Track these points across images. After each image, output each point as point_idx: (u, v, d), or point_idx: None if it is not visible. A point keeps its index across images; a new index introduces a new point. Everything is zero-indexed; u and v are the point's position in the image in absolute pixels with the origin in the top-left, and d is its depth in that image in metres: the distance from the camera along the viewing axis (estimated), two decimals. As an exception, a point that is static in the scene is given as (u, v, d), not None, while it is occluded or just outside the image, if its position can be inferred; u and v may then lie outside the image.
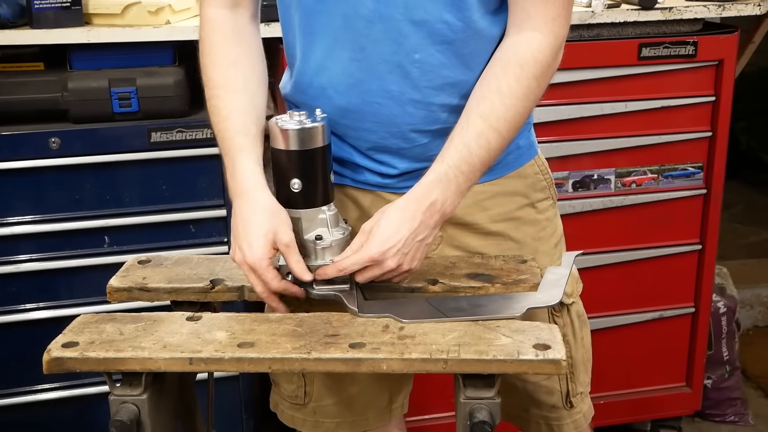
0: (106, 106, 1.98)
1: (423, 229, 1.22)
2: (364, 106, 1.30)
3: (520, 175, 1.41)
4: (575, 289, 1.47)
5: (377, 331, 1.16)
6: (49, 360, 1.11)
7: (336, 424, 1.50)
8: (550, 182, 1.46)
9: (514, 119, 1.24)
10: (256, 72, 1.37)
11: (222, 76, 1.33)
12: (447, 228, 1.38)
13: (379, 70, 1.27)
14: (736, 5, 2.19)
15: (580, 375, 1.49)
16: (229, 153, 1.28)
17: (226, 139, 1.29)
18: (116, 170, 2.01)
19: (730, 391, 2.64)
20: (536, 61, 1.23)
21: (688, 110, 2.24)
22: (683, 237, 2.34)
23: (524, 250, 1.40)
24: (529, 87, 1.23)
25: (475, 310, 1.20)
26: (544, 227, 1.45)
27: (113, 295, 1.31)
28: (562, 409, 1.47)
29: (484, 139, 1.22)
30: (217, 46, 1.35)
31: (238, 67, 1.34)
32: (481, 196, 1.38)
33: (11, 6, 1.99)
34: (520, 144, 1.40)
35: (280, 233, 1.20)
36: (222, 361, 1.11)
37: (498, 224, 1.40)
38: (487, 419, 1.08)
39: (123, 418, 1.11)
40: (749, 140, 4.31)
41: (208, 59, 1.35)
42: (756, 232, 3.87)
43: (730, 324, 2.62)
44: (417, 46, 1.25)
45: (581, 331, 1.48)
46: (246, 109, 1.31)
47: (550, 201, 1.46)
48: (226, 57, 1.34)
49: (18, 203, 1.99)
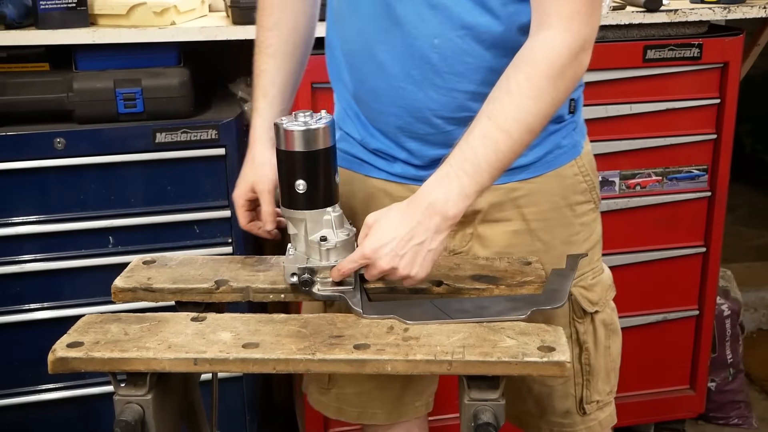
0: (111, 106, 1.98)
1: (421, 231, 1.18)
2: (389, 90, 1.31)
3: (558, 175, 1.38)
4: (603, 298, 1.44)
5: (382, 332, 1.16)
6: (54, 360, 1.11)
7: (358, 414, 1.51)
8: (592, 185, 1.42)
9: (525, 121, 1.18)
10: (296, 35, 1.44)
11: (261, 37, 1.44)
12: (477, 225, 1.38)
13: (402, 54, 1.27)
14: (742, 7, 2.19)
15: (599, 383, 1.46)
16: (252, 108, 1.44)
17: (252, 94, 1.45)
18: (121, 171, 2.01)
19: (733, 394, 2.64)
20: (549, 60, 1.17)
21: (692, 112, 2.24)
22: (687, 239, 2.34)
23: (551, 252, 1.38)
24: (540, 88, 1.17)
25: (480, 311, 1.20)
26: (578, 231, 1.42)
27: (118, 296, 1.32)
28: (575, 415, 1.45)
29: (491, 140, 1.18)
30: (264, 9, 1.45)
31: (275, 30, 1.43)
32: (514, 194, 1.37)
33: (17, 6, 1.99)
34: (562, 144, 1.38)
35: (259, 183, 1.38)
36: (226, 362, 1.11)
37: (529, 223, 1.38)
38: (491, 421, 1.08)
39: (127, 418, 1.11)
40: (754, 143, 4.31)
41: (257, 20, 1.46)
42: (760, 234, 3.87)
43: (734, 327, 2.61)
44: (436, 31, 1.25)
45: (606, 340, 1.45)
46: (269, 71, 1.43)
47: (590, 205, 1.43)
48: (267, 20, 1.44)
49: (23, 203, 1.99)
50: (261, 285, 1.29)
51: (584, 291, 1.42)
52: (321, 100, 2.02)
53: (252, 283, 1.30)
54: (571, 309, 1.41)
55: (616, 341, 1.48)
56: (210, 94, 2.23)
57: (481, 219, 1.38)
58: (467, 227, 1.40)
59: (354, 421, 1.54)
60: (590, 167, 1.43)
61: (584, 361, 1.43)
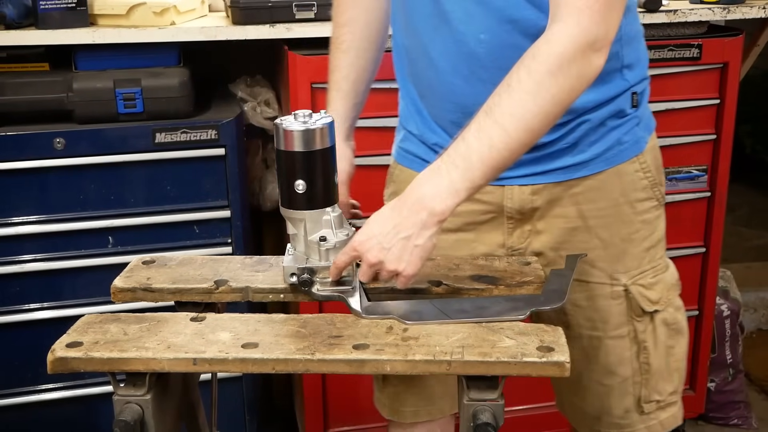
0: (111, 106, 1.98)
1: (408, 225, 1.15)
2: (441, 86, 1.32)
3: (618, 172, 1.36)
4: (664, 297, 1.41)
5: (381, 333, 1.16)
6: (54, 360, 1.11)
7: (412, 413, 1.51)
8: (654, 182, 1.39)
9: (523, 117, 1.13)
10: (369, 31, 1.47)
11: (335, 34, 1.49)
12: (536, 222, 1.38)
13: (451, 50, 1.28)
14: (741, 8, 2.19)
15: (658, 383, 1.43)
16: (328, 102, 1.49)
17: (328, 92, 1.49)
18: (121, 171, 2.01)
19: (733, 394, 2.64)
20: (551, 53, 1.12)
21: (692, 113, 2.24)
22: (687, 240, 2.34)
23: (609, 250, 1.37)
24: (540, 82, 1.12)
25: (479, 311, 1.20)
26: (638, 229, 1.39)
27: (117, 296, 1.32)
28: (633, 414, 1.43)
29: (485, 135, 1.14)
30: (338, 6, 1.49)
31: (348, 27, 1.47)
32: (573, 190, 1.36)
33: (17, 6, 2.00)
34: (623, 140, 1.35)
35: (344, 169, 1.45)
36: (226, 362, 1.11)
37: (587, 220, 1.37)
38: (490, 421, 1.08)
39: (127, 418, 1.11)
40: (754, 143, 4.31)
41: (332, 18, 1.51)
42: (760, 235, 3.87)
43: (733, 327, 2.61)
44: (482, 26, 1.25)
45: (669, 340, 1.43)
46: (341, 66, 1.47)
47: (652, 202, 1.40)
48: (341, 17, 1.48)
49: (23, 203, 1.99)
50: (260, 285, 1.29)
51: (643, 289, 1.40)
52: (321, 100, 2.03)
53: (251, 283, 1.30)
54: (629, 307, 1.39)
55: (680, 341, 1.45)
56: (210, 94, 2.23)
57: (540, 216, 1.37)
58: (525, 224, 1.39)
59: (408, 420, 1.52)
60: (654, 164, 1.40)
61: (642, 360, 1.41)
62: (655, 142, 1.42)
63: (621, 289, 1.39)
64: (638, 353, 1.41)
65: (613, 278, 1.39)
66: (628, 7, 1.29)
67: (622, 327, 1.39)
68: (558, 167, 1.34)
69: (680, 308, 1.45)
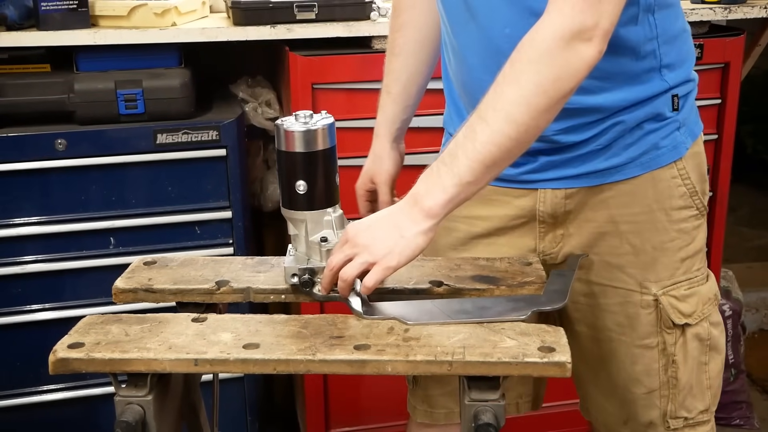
0: (112, 107, 1.98)
1: (399, 216, 1.16)
2: (472, 82, 1.31)
3: (654, 177, 1.31)
4: (698, 311, 1.36)
5: (382, 333, 1.16)
6: (55, 361, 1.11)
7: (444, 414, 1.49)
8: (693, 190, 1.33)
9: (504, 108, 1.10)
10: (420, 35, 1.49)
11: (390, 38, 1.53)
12: (569, 225, 1.35)
13: (479, 46, 1.27)
14: (742, 8, 2.19)
15: (686, 399, 1.38)
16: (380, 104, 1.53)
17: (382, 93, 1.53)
18: (122, 172, 2.01)
19: (735, 395, 2.63)
20: (533, 44, 1.10)
21: (693, 113, 2.23)
22: (689, 240, 2.34)
23: (640, 257, 1.33)
24: (522, 72, 1.09)
25: (480, 312, 1.19)
26: (674, 238, 1.33)
27: (119, 296, 1.32)
28: (659, 427, 1.39)
29: (471, 130, 1.13)
30: (394, 11, 1.53)
31: (401, 31, 1.50)
32: (605, 194, 1.32)
33: (18, 8, 2.00)
34: (661, 144, 1.30)
35: (377, 175, 1.53)
36: (227, 363, 1.11)
37: (618, 225, 1.32)
38: (491, 421, 1.08)
39: (128, 419, 1.11)
40: (756, 143, 4.30)
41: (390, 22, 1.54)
42: (761, 235, 3.86)
43: (735, 327, 2.61)
44: (507, 20, 1.23)
45: (702, 356, 1.37)
46: (393, 70, 1.51)
47: (691, 211, 1.34)
48: (395, 21, 1.51)
49: (24, 204, 1.99)
50: (262, 286, 1.29)
51: (675, 301, 1.34)
52: (321, 100, 2.03)
53: (253, 283, 1.30)
54: (659, 318, 1.34)
55: (716, 358, 1.39)
56: (211, 95, 2.23)
57: (572, 220, 1.34)
58: (558, 229, 1.36)
59: (442, 422, 1.50)
60: (695, 171, 1.34)
61: (671, 374, 1.36)
62: (699, 149, 1.36)
63: (651, 298, 1.34)
64: (667, 366, 1.36)
65: (643, 287, 1.34)
66: (669, 4, 1.26)
67: (651, 337, 1.35)
68: (591, 171, 1.30)
69: (718, 324, 1.39)
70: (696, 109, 1.36)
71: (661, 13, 1.25)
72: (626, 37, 1.22)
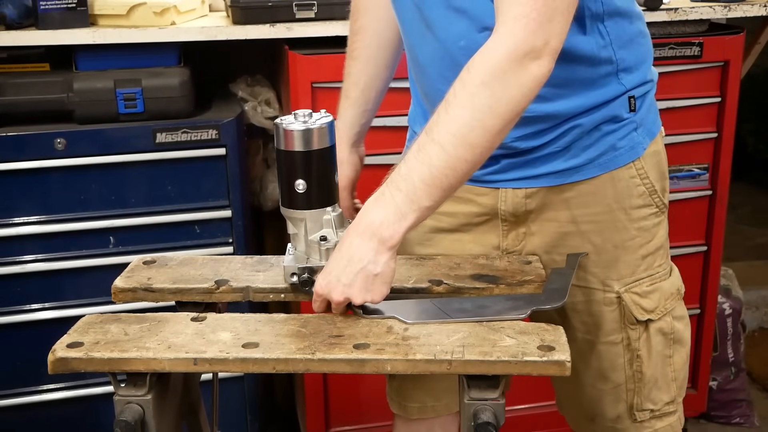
0: (112, 106, 1.98)
1: (361, 256, 1.14)
2: (432, 91, 1.32)
3: (613, 177, 1.33)
4: (661, 306, 1.38)
5: (381, 332, 1.16)
6: (54, 360, 1.11)
7: (417, 409, 1.51)
8: (652, 189, 1.36)
9: (459, 132, 1.10)
10: (379, 39, 1.49)
11: (348, 42, 1.52)
12: (530, 224, 1.37)
13: (436, 57, 1.29)
14: (742, 6, 2.19)
15: (652, 392, 1.41)
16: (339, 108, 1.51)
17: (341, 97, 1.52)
18: (121, 171, 2.01)
19: (735, 393, 2.63)
20: (483, 65, 1.10)
21: (693, 111, 2.23)
22: (689, 238, 2.34)
23: (602, 256, 1.35)
24: (474, 95, 1.10)
25: (480, 311, 1.19)
26: (633, 236, 1.35)
27: (118, 296, 1.32)
28: (626, 420, 1.41)
29: (425, 154, 1.11)
30: (352, 14, 1.52)
31: (359, 34, 1.50)
32: (566, 194, 1.34)
33: (17, 7, 2.00)
34: (618, 145, 1.32)
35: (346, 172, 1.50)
36: (226, 362, 1.11)
37: (579, 225, 1.35)
38: (491, 420, 1.08)
39: (127, 419, 1.11)
40: (756, 142, 4.30)
41: (349, 24, 1.54)
42: (762, 233, 3.86)
43: (735, 325, 2.61)
44: (461, 33, 1.24)
45: (665, 350, 1.40)
46: (352, 73, 1.50)
47: (651, 209, 1.37)
48: (353, 25, 1.51)
49: (23, 204, 1.99)
50: (261, 285, 1.29)
51: (638, 298, 1.37)
52: (321, 99, 2.03)
53: (252, 283, 1.30)
54: (622, 315, 1.37)
55: (680, 351, 1.42)
56: (210, 94, 2.23)
57: (534, 219, 1.36)
58: (520, 227, 1.38)
59: (414, 416, 1.53)
60: (654, 169, 1.36)
61: (636, 368, 1.39)
62: (657, 147, 1.37)
63: (613, 296, 1.36)
64: (632, 361, 1.39)
65: (606, 285, 1.37)
66: (619, 11, 1.28)
67: (615, 333, 1.38)
68: (551, 171, 1.33)
69: (682, 317, 1.42)
70: (655, 108, 1.38)
71: (612, 20, 1.27)
72: (578, 47, 1.24)
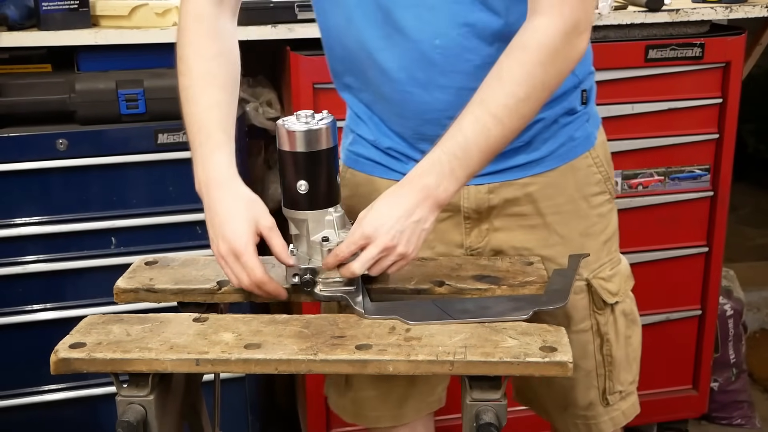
0: (114, 107, 1.98)
1: (418, 211, 1.19)
2: (396, 96, 1.31)
3: (572, 167, 1.38)
4: (622, 288, 1.44)
5: (384, 333, 1.16)
6: (57, 361, 1.11)
7: (376, 417, 1.50)
8: (606, 176, 1.42)
9: (516, 106, 1.19)
10: (234, 71, 1.37)
11: (204, 67, 1.32)
12: (494, 220, 1.38)
13: (405, 59, 1.27)
14: (743, 7, 2.19)
15: (621, 374, 1.46)
16: (205, 145, 1.29)
17: (202, 131, 1.29)
18: (123, 171, 2.01)
19: (736, 394, 2.63)
20: (540, 45, 1.18)
21: (695, 112, 2.23)
22: (690, 239, 2.34)
23: (569, 245, 1.38)
24: (531, 73, 1.18)
25: (482, 311, 1.20)
26: (595, 223, 1.41)
27: (120, 296, 1.32)
28: (598, 406, 1.46)
29: (481, 125, 1.18)
30: (201, 38, 1.34)
31: (219, 60, 1.34)
32: (529, 188, 1.37)
33: (19, 8, 2.00)
34: (575, 136, 1.38)
35: (261, 219, 1.23)
36: (228, 363, 1.11)
37: (545, 217, 1.38)
38: (493, 421, 1.08)
39: (130, 419, 1.11)
40: (757, 142, 4.30)
41: (189, 50, 1.33)
42: (763, 234, 3.86)
43: (736, 326, 2.61)
44: (438, 31, 1.24)
45: (627, 330, 1.46)
46: (224, 104, 1.33)
47: (605, 196, 1.43)
48: (208, 50, 1.33)
49: (25, 204, 1.99)
50: (263, 285, 1.29)
51: (604, 282, 1.42)
52: (323, 100, 2.03)
53: (254, 283, 1.29)
54: (591, 301, 1.41)
55: (636, 331, 1.48)
56: (212, 94, 2.22)
57: (497, 214, 1.38)
58: (483, 224, 1.39)
59: (373, 425, 1.52)
60: (604, 158, 1.43)
61: (606, 352, 1.43)
62: (603, 137, 1.45)
63: (583, 283, 1.40)
64: (601, 346, 1.43)
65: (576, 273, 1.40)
66: None
67: (585, 321, 1.41)
68: (513, 165, 1.35)
69: (633, 299, 1.48)
70: (594, 102, 1.45)
71: None
72: None
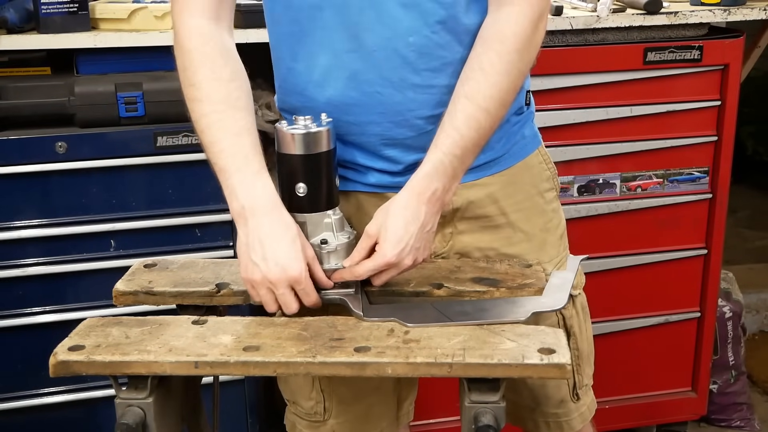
0: (113, 110, 1.98)
1: (428, 220, 1.23)
2: (364, 98, 1.28)
3: (526, 165, 1.41)
4: (578, 281, 1.45)
5: (382, 335, 1.16)
6: (56, 363, 1.11)
7: None
8: (553, 172, 1.46)
9: (500, 96, 1.23)
10: (249, 91, 1.30)
11: (223, 91, 1.25)
12: (457, 223, 1.39)
13: (376, 58, 1.26)
14: (742, 10, 2.19)
15: (586, 367, 1.49)
16: (244, 171, 1.23)
17: (237, 156, 1.23)
18: (122, 174, 2.02)
19: (735, 396, 2.63)
20: (515, 35, 1.22)
21: (693, 114, 2.24)
22: (689, 241, 2.34)
23: (533, 242, 1.40)
24: (511, 62, 1.22)
25: (480, 314, 1.20)
26: (551, 218, 1.45)
27: (119, 299, 1.32)
28: (569, 403, 1.47)
29: (474, 121, 1.22)
30: (213, 61, 1.27)
31: (237, 83, 1.27)
32: (490, 188, 1.37)
33: (19, 11, 2.00)
34: (525, 134, 1.41)
35: (307, 248, 1.22)
36: (227, 365, 1.11)
37: (508, 216, 1.39)
38: (492, 423, 1.08)
39: (129, 422, 1.11)
40: (756, 145, 4.30)
41: (201, 75, 1.25)
42: (762, 236, 3.86)
43: (735, 329, 2.61)
44: (410, 29, 1.24)
45: (586, 323, 1.48)
46: (253, 129, 1.27)
47: (554, 192, 1.47)
48: (223, 72, 1.26)
49: (25, 207, 1.99)
50: (262, 288, 1.29)
51: None
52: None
53: (253, 286, 1.30)
54: None
55: (589, 324, 1.51)
56: (211, 97, 2.23)
57: (460, 217, 1.38)
58: (446, 227, 1.39)
59: None
60: (549, 156, 1.47)
61: (573, 346, 1.44)
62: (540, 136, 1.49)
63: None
64: (569, 340, 1.41)
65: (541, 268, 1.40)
66: None
67: (552, 317, 1.40)
68: (472, 166, 1.32)
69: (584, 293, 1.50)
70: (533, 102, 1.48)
71: None
72: None
